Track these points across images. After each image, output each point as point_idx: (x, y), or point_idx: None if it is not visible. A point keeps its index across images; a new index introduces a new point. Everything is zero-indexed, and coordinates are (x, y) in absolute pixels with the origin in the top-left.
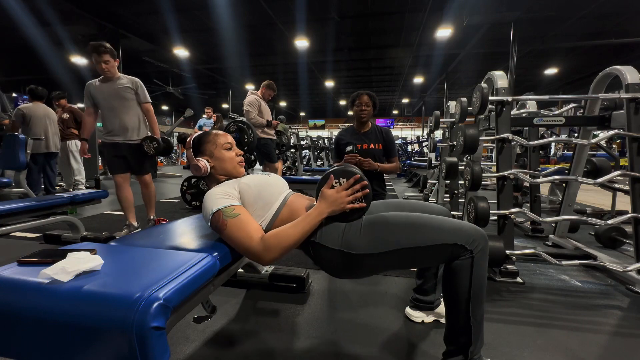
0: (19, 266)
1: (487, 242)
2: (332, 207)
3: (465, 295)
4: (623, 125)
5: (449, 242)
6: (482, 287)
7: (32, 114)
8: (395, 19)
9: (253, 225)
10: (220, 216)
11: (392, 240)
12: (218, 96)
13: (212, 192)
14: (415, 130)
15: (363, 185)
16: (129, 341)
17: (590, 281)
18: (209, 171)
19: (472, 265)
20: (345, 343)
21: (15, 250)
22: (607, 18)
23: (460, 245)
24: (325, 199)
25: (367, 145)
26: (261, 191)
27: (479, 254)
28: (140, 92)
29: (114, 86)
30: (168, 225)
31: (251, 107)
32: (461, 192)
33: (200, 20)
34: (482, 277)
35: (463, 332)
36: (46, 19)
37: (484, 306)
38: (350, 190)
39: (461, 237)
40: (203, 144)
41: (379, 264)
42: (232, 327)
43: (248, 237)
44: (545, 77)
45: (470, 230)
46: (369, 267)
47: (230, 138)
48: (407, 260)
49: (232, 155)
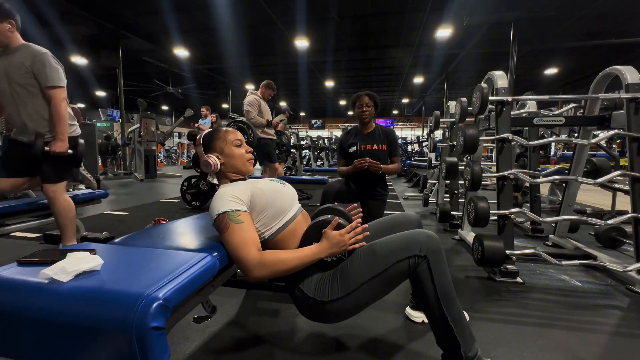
0: (19, 266)
1: (437, 242)
2: (334, 249)
3: (434, 299)
4: (623, 125)
5: (402, 258)
6: (448, 286)
7: None
8: (395, 19)
9: (253, 236)
10: (225, 218)
11: (354, 278)
12: (218, 96)
13: (223, 192)
14: (415, 130)
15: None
16: (128, 341)
17: (590, 281)
18: (219, 168)
19: (429, 269)
20: (345, 343)
21: (15, 250)
22: (607, 18)
23: (412, 256)
24: (329, 240)
25: (371, 146)
26: (274, 199)
27: (432, 255)
28: (42, 71)
29: (6, 61)
30: (168, 225)
31: (251, 107)
32: (461, 192)
33: (200, 20)
34: (444, 277)
35: (447, 335)
36: (46, 19)
37: (458, 303)
38: (353, 233)
39: (410, 248)
40: (213, 140)
41: (352, 304)
42: (232, 327)
43: (246, 246)
44: (545, 77)
45: (417, 237)
46: (344, 310)
47: (239, 135)
48: (376, 290)
49: (242, 152)
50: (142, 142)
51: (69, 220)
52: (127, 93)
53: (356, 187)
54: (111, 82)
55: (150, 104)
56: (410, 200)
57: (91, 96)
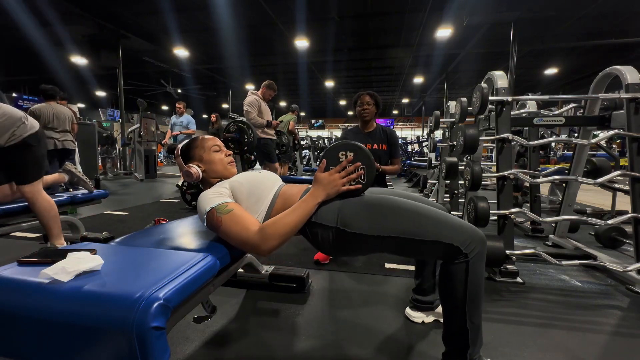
0: (19, 266)
1: (484, 246)
2: (327, 191)
3: (461, 300)
4: (623, 125)
5: (444, 241)
6: (479, 292)
7: (42, 114)
8: (395, 19)
9: (248, 217)
10: (214, 214)
11: (389, 226)
12: (218, 96)
13: (204, 194)
14: (415, 130)
15: (357, 166)
16: (129, 341)
17: (590, 281)
18: (202, 176)
19: (467, 270)
20: (345, 343)
21: (15, 250)
22: (607, 18)
23: (455, 246)
24: (319, 183)
25: (371, 146)
26: (253, 187)
27: (475, 257)
28: None
29: None
30: (168, 225)
31: (251, 108)
32: (461, 192)
33: (200, 20)
34: (479, 282)
35: (460, 336)
36: (46, 19)
37: (482, 310)
38: (344, 172)
39: (457, 237)
40: (191, 149)
41: (372, 246)
42: (232, 327)
43: (244, 229)
44: (545, 77)
45: (468, 231)
46: (362, 247)
47: (217, 140)
48: (400, 249)
49: (222, 156)
50: (142, 142)
51: (51, 218)
52: (127, 93)
53: None
54: (111, 82)
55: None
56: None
57: (91, 96)
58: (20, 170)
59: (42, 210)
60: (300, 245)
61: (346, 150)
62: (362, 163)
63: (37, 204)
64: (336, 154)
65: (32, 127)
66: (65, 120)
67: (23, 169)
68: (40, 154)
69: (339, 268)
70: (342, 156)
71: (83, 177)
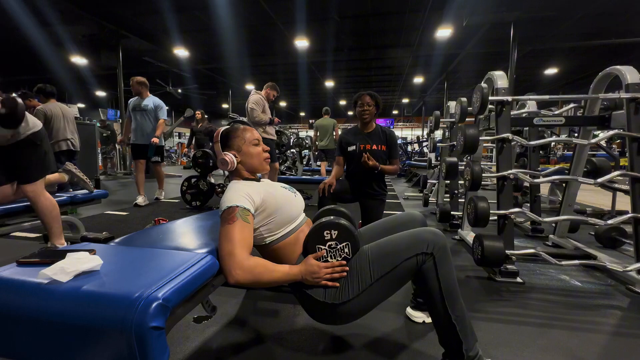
0: (19, 266)
1: (444, 240)
2: (307, 277)
3: (439, 295)
4: (623, 125)
5: (410, 255)
6: (452, 283)
7: (52, 114)
8: (395, 19)
9: (251, 241)
10: (235, 211)
11: (363, 278)
12: (218, 96)
13: (239, 187)
14: (415, 130)
15: (344, 269)
16: (128, 341)
17: (590, 281)
18: (236, 166)
19: (435, 266)
20: (346, 343)
21: (15, 250)
22: (607, 18)
23: (420, 253)
24: (306, 267)
25: (370, 146)
26: (284, 206)
27: (438, 252)
28: None
29: None
30: (168, 225)
31: (256, 106)
32: (461, 192)
33: (200, 20)
34: (449, 274)
35: (450, 333)
36: (46, 19)
37: (461, 301)
38: (331, 270)
39: (417, 246)
40: (231, 138)
41: (362, 304)
42: (232, 327)
43: (243, 246)
44: (545, 77)
45: (424, 235)
46: (356, 311)
47: (257, 134)
48: (385, 288)
49: (260, 150)
50: None
51: (53, 218)
52: (127, 93)
53: (354, 186)
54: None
55: None
56: (410, 200)
57: (91, 96)
58: (22, 169)
59: (44, 209)
60: None
61: (330, 229)
62: (346, 240)
63: (39, 203)
64: (321, 233)
65: (35, 126)
66: (73, 119)
67: (25, 168)
68: (42, 152)
69: None
70: (327, 234)
71: (83, 177)
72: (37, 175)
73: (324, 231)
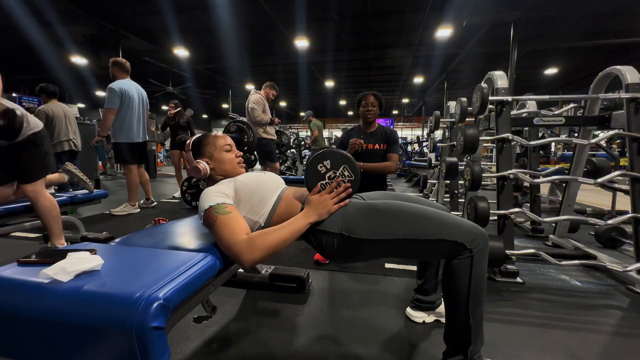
0: (19, 266)
1: (487, 242)
2: (318, 211)
3: (465, 294)
4: (623, 125)
5: (449, 239)
6: (482, 287)
7: (54, 114)
8: (395, 19)
9: (241, 223)
10: (211, 212)
11: (393, 229)
12: (218, 96)
13: (207, 191)
14: (415, 130)
15: (339, 181)
16: (128, 341)
17: (590, 281)
18: (209, 173)
19: (471, 265)
20: (346, 343)
21: (15, 250)
22: (607, 18)
23: (460, 243)
24: (310, 205)
25: (372, 146)
26: (257, 187)
27: (478, 253)
28: None
29: None
30: (168, 225)
31: (257, 105)
32: (461, 192)
33: (200, 20)
34: (482, 277)
35: (462, 332)
36: (46, 19)
37: (484, 306)
38: (334, 193)
39: (461, 235)
40: (202, 146)
41: (377, 250)
42: (232, 327)
43: (234, 233)
44: (545, 77)
45: (471, 228)
46: (367, 253)
47: (229, 139)
48: (405, 251)
49: (232, 156)
50: None
51: (53, 218)
52: None
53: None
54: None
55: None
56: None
57: (91, 96)
58: (23, 169)
59: (44, 209)
60: (301, 245)
61: (322, 161)
62: (342, 164)
63: (40, 203)
64: (315, 168)
65: (36, 126)
66: (74, 119)
67: (26, 167)
68: (43, 153)
69: (339, 268)
70: (321, 168)
71: (83, 177)
72: (37, 175)
73: (317, 166)
